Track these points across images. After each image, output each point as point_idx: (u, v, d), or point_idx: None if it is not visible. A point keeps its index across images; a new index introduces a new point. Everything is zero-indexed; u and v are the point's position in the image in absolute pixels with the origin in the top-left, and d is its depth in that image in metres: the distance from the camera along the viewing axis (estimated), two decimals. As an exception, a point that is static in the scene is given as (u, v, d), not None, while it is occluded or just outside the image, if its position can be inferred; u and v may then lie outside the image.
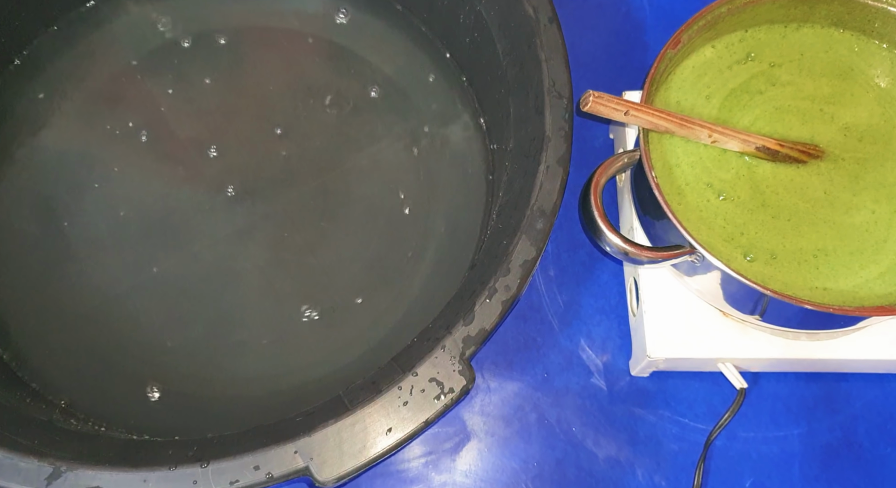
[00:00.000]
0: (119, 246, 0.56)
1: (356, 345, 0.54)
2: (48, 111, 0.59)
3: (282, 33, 0.62)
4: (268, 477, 0.38)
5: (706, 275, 0.48)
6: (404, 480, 0.55)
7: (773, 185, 0.49)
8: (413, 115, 0.60)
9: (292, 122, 0.59)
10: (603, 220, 0.46)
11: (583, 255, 0.61)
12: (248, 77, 0.61)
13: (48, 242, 0.56)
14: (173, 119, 0.59)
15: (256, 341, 0.54)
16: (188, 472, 0.39)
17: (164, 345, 0.53)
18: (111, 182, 0.57)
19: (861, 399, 0.57)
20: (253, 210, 0.57)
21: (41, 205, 0.56)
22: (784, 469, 0.55)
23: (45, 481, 0.39)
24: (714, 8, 0.50)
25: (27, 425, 0.45)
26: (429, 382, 0.40)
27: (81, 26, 0.61)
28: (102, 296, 0.54)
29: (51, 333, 0.53)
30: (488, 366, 0.57)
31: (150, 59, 0.61)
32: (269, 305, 0.54)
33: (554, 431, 0.56)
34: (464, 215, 0.57)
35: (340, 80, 0.61)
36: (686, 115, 0.48)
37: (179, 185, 0.57)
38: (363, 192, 0.58)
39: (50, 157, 0.58)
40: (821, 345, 0.53)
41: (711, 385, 0.57)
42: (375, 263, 0.56)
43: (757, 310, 0.48)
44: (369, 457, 0.39)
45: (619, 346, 0.58)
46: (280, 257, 0.56)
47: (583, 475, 0.55)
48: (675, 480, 0.55)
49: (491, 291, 0.43)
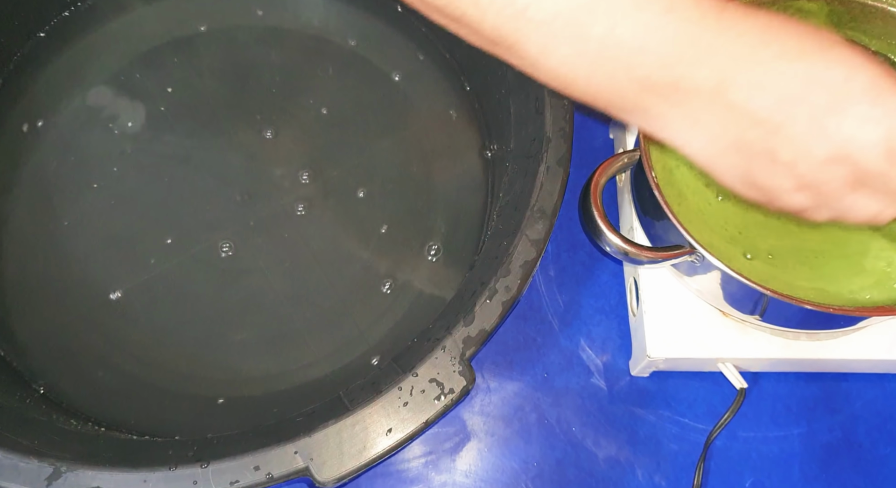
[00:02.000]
0: (119, 246, 0.56)
1: (356, 345, 0.54)
2: (48, 111, 0.59)
3: (282, 33, 0.62)
4: (268, 477, 0.38)
5: (706, 275, 0.48)
6: (404, 480, 0.55)
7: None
8: (413, 116, 0.60)
9: (292, 122, 0.59)
10: (603, 220, 0.46)
11: (583, 255, 0.61)
12: (247, 77, 0.61)
13: (48, 242, 0.55)
14: (173, 118, 0.59)
15: (256, 341, 0.54)
16: (188, 472, 0.39)
17: (164, 346, 0.53)
18: (111, 182, 0.57)
19: (861, 399, 0.57)
20: (253, 210, 0.57)
21: (41, 205, 0.56)
22: (784, 469, 0.55)
23: (46, 481, 0.39)
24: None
25: (27, 425, 0.45)
26: (429, 383, 0.40)
27: (81, 25, 0.61)
28: (102, 296, 0.54)
29: (51, 333, 0.53)
30: (488, 366, 0.57)
31: (149, 59, 0.61)
32: (270, 305, 0.54)
33: (554, 431, 0.56)
34: (464, 215, 0.57)
35: (340, 80, 0.61)
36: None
37: (179, 185, 0.57)
38: (363, 193, 0.58)
39: (50, 157, 0.58)
40: (821, 345, 0.53)
41: (711, 385, 0.57)
42: (375, 263, 0.56)
43: (757, 310, 0.48)
44: (369, 458, 0.39)
45: (619, 346, 0.58)
46: (280, 257, 0.56)
47: (583, 475, 0.55)
48: (675, 480, 0.55)
49: (491, 292, 0.43)
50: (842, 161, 0.34)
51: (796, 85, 0.33)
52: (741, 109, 0.34)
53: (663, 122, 0.36)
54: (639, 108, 0.36)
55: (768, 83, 0.33)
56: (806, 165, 0.34)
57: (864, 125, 0.33)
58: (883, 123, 0.33)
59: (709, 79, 0.33)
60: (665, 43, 0.33)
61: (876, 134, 0.33)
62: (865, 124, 0.33)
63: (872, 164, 0.34)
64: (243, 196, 0.57)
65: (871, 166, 0.34)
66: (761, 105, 0.33)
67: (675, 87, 0.34)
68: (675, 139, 0.36)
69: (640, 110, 0.36)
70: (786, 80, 0.33)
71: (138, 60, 0.61)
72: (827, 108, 0.33)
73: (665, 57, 0.33)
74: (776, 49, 0.33)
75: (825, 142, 0.33)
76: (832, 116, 0.33)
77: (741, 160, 0.35)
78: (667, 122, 0.36)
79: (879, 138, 0.33)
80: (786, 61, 0.33)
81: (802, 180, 0.35)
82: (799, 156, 0.34)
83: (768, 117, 0.33)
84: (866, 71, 0.33)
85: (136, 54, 0.61)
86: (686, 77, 0.33)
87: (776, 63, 0.33)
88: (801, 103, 0.33)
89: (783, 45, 0.33)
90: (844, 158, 0.34)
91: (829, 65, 0.33)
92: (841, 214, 0.37)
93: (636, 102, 0.35)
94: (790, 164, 0.34)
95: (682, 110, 0.35)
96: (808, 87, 0.33)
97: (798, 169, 0.34)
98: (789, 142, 0.34)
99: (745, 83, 0.33)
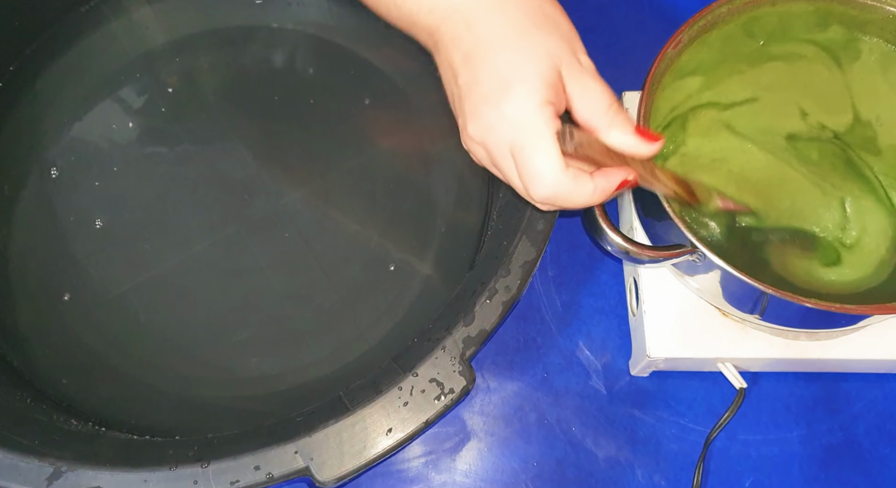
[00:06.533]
0: (119, 246, 0.56)
1: (356, 345, 0.54)
2: (48, 111, 0.59)
3: (282, 33, 0.62)
4: (268, 477, 0.38)
5: (707, 275, 0.48)
6: (404, 480, 0.55)
7: (768, 186, 0.49)
8: (413, 116, 0.60)
9: (292, 121, 0.59)
10: (604, 220, 0.46)
11: (582, 255, 0.61)
12: (247, 77, 0.61)
13: (49, 242, 0.56)
14: (174, 119, 0.59)
15: (256, 341, 0.54)
16: (189, 472, 0.39)
17: (164, 346, 0.53)
18: (111, 182, 0.57)
19: (861, 399, 0.57)
20: (253, 210, 0.57)
21: (41, 205, 0.56)
22: (784, 469, 0.55)
23: (46, 481, 0.39)
24: (714, 8, 0.50)
25: (28, 425, 0.45)
26: (429, 383, 0.40)
27: (81, 27, 0.61)
28: (102, 296, 0.54)
29: (51, 333, 0.53)
30: (488, 366, 0.57)
31: (149, 59, 0.61)
32: (270, 305, 0.54)
33: (554, 431, 0.56)
34: (464, 215, 0.57)
35: (340, 80, 0.61)
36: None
37: (179, 185, 0.57)
38: (363, 192, 0.58)
39: (50, 157, 0.58)
40: (821, 344, 0.53)
41: (711, 385, 0.57)
42: (375, 263, 0.56)
43: (757, 309, 0.48)
44: (369, 458, 0.39)
45: (618, 346, 0.58)
46: (280, 257, 0.56)
47: (583, 475, 0.55)
48: (674, 480, 0.55)
49: (491, 292, 0.43)
50: (481, 145, 0.39)
51: (488, 61, 0.38)
52: (448, 64, 0.40)
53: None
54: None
55: (473, 54, 0.38)
56: (465, 135, 0.40)
57: (494, 126, 0.38)
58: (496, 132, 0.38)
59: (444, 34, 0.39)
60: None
61: (498, 138, 0.38)
62: (495, 126, 0.38)
63: (493, 159, 0.39)
64: (243, 196, 0.57)
65: (494, 159, 0.39)
66: (459, 67, 0.39)
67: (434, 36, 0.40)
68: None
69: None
70: (483, 54, 0.38)
71: (139, 61, 0.61)
72: (487, 95, 0.38)
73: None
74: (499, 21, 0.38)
75: (476, 124, 0.39)
76: (485, 105, 0.38)
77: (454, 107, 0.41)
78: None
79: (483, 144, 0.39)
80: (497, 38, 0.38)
81: (468, 143, 0.40)
82: (463, 125, 0.40)
83: (461, 84, 0.39)
84: (534, 78, 0.37)
85: (137, 55, 0.61)
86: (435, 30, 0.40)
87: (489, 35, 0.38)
88: (479, 82, 0.38)
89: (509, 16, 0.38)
90: (482, 143, 0.39)
91: (522, 54, 0.38)
92: (502, 177, 0.41)
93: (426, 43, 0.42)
94: (462, 127, 0.40)
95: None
96: (491, 68, 0.38)
97: (464, 132, 0.40)
98: (461, 112, 0.40)
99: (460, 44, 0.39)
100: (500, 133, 0.38)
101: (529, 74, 0.37)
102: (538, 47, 0.38)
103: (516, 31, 0.38)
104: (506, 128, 0.37)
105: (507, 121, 0.37)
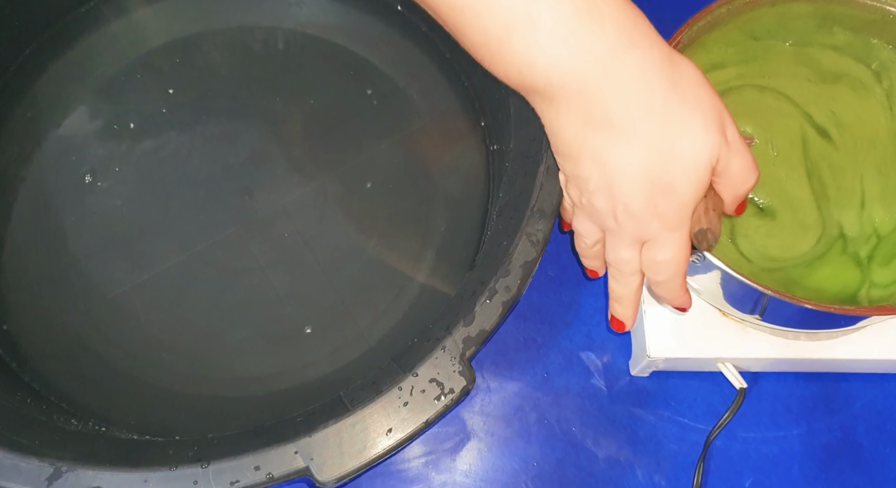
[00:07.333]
0: (119, 246, 0.56)
1: (356, 345, 0.54)
2: (49, 112, 0.59)
3: (282, 34, 0.62)
4: (268, 477, 0.38)
5: (707, 275, 0.48)
6: (404, 480, 0.55)
7: (767, 188, 0.49)
8: (413, 116, 0.60)
9: (293, 122, 0.59)
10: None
11: (583, 255, 0.61)
12: (247, 77, 0.61)
13: (48, 242, 0.56)
14: (174, 119, 0.59)
15: (256, 341, 0.54)
16: (189, 472, 0.39)
17: (164, 345, 0.53)
18: (112, 182, 0.57)
19: (861, 399, 0.57)
20: (253, 210, 0.57)
21: (41, 205, 0.56)
22: (784, 469, 0.55)
23: (46, 481, 0.39)
24: (714, 8, 0.50)
25: (27, 425, 0.45)
26: (429, 383, 0.40)
27: (82, 27, 0.61)
28: (102, 296, 0.54)
29: (51, 333, 0.53)
30: (488, 366, 0.57)
31: (150, 60, 0.61)
32: (269, 305, 0.54)
33: (554, 431, 0.56)
34: (464, 215, 0.57)
35: (340, 80, 0.61)
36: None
37: (180, 185, 0.57)
38: (363, 192, 0.58)
39: (50, 157, 0.58)
40: (820, 345, 0.53)
41: (711, 385, 0.57)
42: (375, 263, 0.56)
43: (757, 310, 0.49)
44: (369, 458, 0.39)
45: (618, 346, 0.58)
46: (280, 257, 0.56)
47: (583, 475, 0.55)
48: (674, 480, 0.55)
49: (491, 292, 0.43)
50: (579, 186, 0.40)
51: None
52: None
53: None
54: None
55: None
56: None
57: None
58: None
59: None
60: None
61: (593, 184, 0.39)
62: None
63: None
64: (243, 195, 0.57)
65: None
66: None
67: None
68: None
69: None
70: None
71: (139, 61, 0.61)
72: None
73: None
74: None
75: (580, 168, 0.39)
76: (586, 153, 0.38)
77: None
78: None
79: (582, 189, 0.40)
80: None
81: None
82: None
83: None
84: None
85: (137, 55, 0.61)
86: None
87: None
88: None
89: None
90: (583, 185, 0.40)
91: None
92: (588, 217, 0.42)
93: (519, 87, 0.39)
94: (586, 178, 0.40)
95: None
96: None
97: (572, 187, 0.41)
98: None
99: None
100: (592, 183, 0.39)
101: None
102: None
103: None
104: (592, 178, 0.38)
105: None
